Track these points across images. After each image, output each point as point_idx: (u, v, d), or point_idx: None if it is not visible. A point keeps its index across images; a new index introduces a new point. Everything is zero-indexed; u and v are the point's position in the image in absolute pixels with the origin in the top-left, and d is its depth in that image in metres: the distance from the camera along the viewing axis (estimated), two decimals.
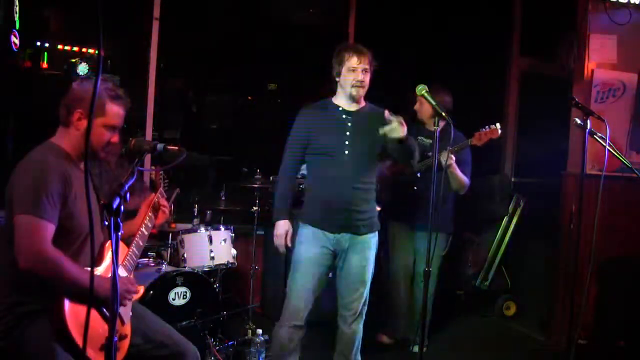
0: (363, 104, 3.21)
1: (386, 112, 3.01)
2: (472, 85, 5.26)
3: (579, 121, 3.11)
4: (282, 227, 3.22)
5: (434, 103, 2.80)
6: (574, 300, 3.32)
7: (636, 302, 4.07)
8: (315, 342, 3.58)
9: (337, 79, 3.17)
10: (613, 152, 3.09)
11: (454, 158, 3.72)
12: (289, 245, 3.23)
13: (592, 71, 4.32)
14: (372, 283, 3.27)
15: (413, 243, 4.12)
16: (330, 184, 3.10)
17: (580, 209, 3.23)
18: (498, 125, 3.76)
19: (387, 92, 5.21)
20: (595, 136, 3.09)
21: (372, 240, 3.22)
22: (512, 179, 5.65)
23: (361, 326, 3.26)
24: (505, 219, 5.16)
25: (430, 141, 3.94)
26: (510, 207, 5.17)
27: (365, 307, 3.26)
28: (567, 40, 4.64)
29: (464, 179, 3.90)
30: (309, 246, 3.16)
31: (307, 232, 3.17)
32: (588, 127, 3.06)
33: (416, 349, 4.06)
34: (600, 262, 4.01)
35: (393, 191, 4.07)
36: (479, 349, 4.42)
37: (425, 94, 2.83)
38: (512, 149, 5.77)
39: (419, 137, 4.01)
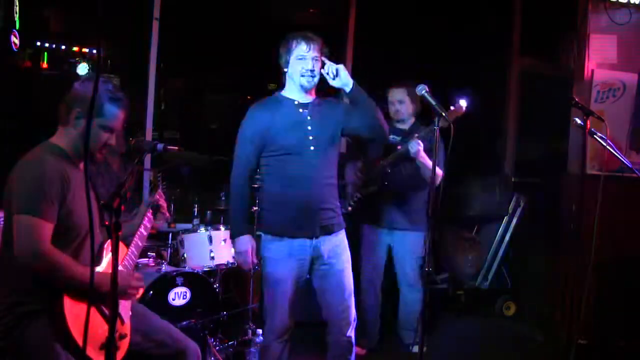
0: (314, 95, 2.99)
1: (325, 59, 2.85)
2: (472, 85, 5.25)
3: (579, 121, 3.11)
4: (245, 243, 2.96)
5: (433, 103, 2.80)
6: (574, 300, 3.32)
7: (636, 302, 4.07)
8: (309, 343, 3.55)
9: (285, 69, 2.94)
10: (613, 152, 3.09)
11: (422, 144, 3.56)
12: (255, 261, 3.00)
13: (592, 71, 4.32)
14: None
15: (385, 244, 4.02)
16: (299, 185, 2.88)
17: (580, 209, 3.23)
18: (462, 102, 3.50)
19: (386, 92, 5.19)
20: (595, 136, 3.09)
21: (344, 238, 3.06)
22: (512, 179, 5.64)
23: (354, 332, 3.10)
24: (505, 219, 5.16)
25: (398, 138, 3.91)
26: (510, 207, 5.17)
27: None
28: (567, 40, 4.64)
29: (432, 166, 3.80)
30: (283, 262, 2.92)
31: (278, 246, 2.93)
32: (588, 127, 3.06)
33: (416, 349, 4.06)
34: (600, 262, 4.01)
35: (365, 191, 3.88)
36: (478, 349, 4.41)
37: (425, 94, 2.83)
38: (512, 149, 5.77)
39: (391, 136, 3.98)
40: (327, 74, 2.88)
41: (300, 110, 2.95)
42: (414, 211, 3.96)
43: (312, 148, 2.90)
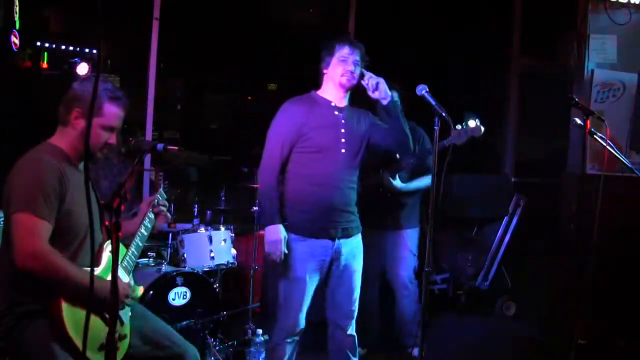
0: (346, 102, 3.06)
1: (364, 71, 2.94)
2: (472, 85, 5.26)
3: (579, 121, 3.11)
4: (277, 232, 2.90)
5: (433, 103, 2.79)
6: (574, 300, 3.32)
7: (636, 302, 4.07)
8: (316, 342, 3.54)
9: (324, 71, 3.01)
10: (613, 152, 3.09)
11: (399, 183, 3.71)
12: (286, 252, 2.95)
13: (592, 71, 4.33)
14: None
15: (382, 246, 4.01)
16: (327, 185, 2.93)
17: (580, 209, 3.23)
18: (477, 122, 3.53)
19: None
20: (595, 136, 3.09)
21: (360, 241, 3.14)
22: (512, 179, 5.64)
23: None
24: (505, 219, 5.16)
25: None
26: (510, 207, 5.17)
27: None
28: (567, 40, 4.64)
29: (422, 186, 3.87)
30: (304, 262, 2.95)
31: (301, 246, 2.94)
32: (588, 127, 3.07)
33: (416, 351, 4.05)
34: (600, 262, 4.01)
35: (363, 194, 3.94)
36: (478, 349, 4.41)
37: (425, 94, 2.82)
38: (512, 149, 5.77)
39: None
40: (367, 85, 2.94)
41: (336, 112, 3.00)
42: (408, 211, 3.97)
43: (342, 150, 2.97)
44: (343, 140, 2.96)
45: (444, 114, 2.73)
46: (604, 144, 3.06)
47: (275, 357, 3.06)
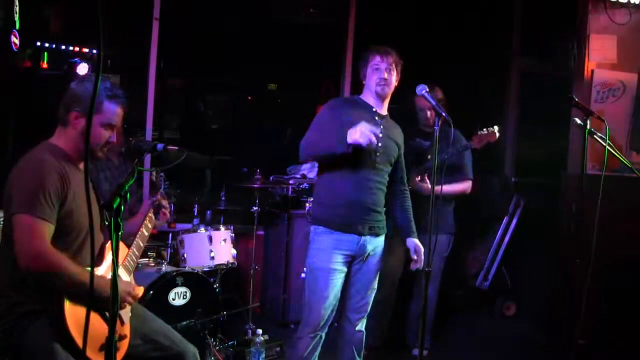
0: (387, 112, 3.21)
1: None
2: (472, 85, 5.26)
3: (579, 121, 3.11)
4: (355, 128, 2.79)
5: (434, 103, 2.80)
6: (574, 300, 3.31)
7: (636, 303, 4.07)
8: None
9: (364, 82, 3.17)
10: (613, 152, 3.09)
11: (427, 183, 3.75)
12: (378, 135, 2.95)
13: (592, 71, 4.32)
14: None
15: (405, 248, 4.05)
16: (357, 183, 3.04)
17: (580, 209, 3.23)
18: (496, 127, 3.68)
19: None
20: (595, 136, 3.09)
21: (383, 242, 3.22)
22: (512, 179, 5.64)
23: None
24: (505, 219, 5.16)
25: (429, 143, 3.94)
26: (510, 207, 5.17)
27: None
28: (567, 40, 4.64)
29: (459, 188, 3.95)
30: (330, 255, 3.02)
31: (329, 240, 3.03)
32: (588, 127, 3.06)
33: (416, 352, 4.06)
34: (600, 262, 4.00)
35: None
36: (479, 349, 4.42)
37: (425, 94, 2.83)
38: (512, 149, 5.77)
39: (417, 139, 3.99)
40: None
41: (377, 117, 3.13)
42: (441, 216, 3.96)
43: (378, 153, 3.07)
44: (380, 144, 3.06)
45: (444, 114, 2.75)
46: (604, 144, 3.06)
47: (296, 351, 3.12)
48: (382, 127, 3.10)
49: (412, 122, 4.06)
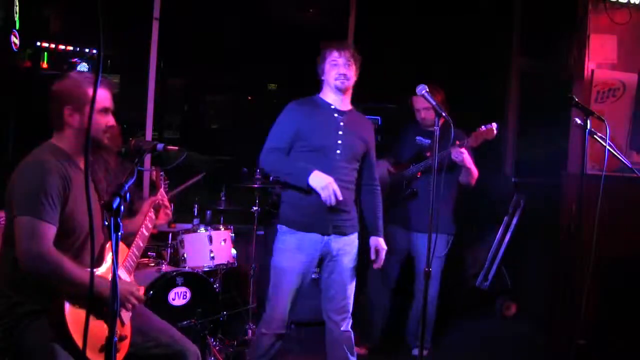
0: (350, 106, 3.20)
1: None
2: (472, 85, 5.26)
3: (579, 121, 3.11)
4: (322, 176, 2.94)
5: (434, 103, 2.80)
6: (574, 300, 3.32)
7: (636, 303, 4.07)
8: (310, 342, 3.54)
9: (322, 77, 3.17)
10: (613, 152, 3.09)
11: (464, 151, 3.68)
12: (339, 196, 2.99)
13: (592, 71, 4.32)
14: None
15: (409, 246, 4.04)
16: None
17: (580, 209, 3.23)
18: (494, 125, 3.67)
19: (387, 91, 5.20)
20: (595, 136, 3.09)
21: (356, 239, 3.22)
22: (512, 179, 5.64)
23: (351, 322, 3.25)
24: (505, 219, 5.16)
25: (429, 141, 3.95)
26: (510, 207, 5.17)
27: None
28: (567, 40, 4.64)
29: (475, 170, 3.87)
30: (294, 255, 3.06)
31: (292, 240, 3.07)
32: (588, 127, 3.06)
33: (416, 351, 4.05)
34: (600, 262, 4.00)
35: (391, 192, 4.01)
36: (479, 349, 4.42)
37: (425, 94, 2.83)
38: (512, 149, 5.77)
39: (417, 137, 4.00)
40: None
41: (336, 115, 3.14)
42: (440, 215, 3.95)
43: (338, 151, 3.08)
44: (339, 142, 3.08)
45: (444, 114, 2.75)
46: (604, 144, 3.06)
47: (259, 346, 3.14)
48: (342, 123, 3.11)
49: (415, 122, 4.06)
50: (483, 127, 3.67)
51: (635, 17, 4.31)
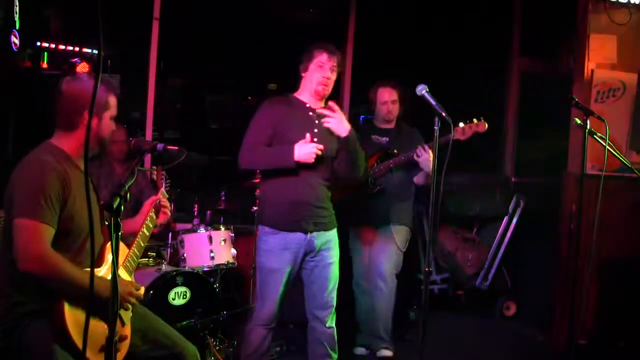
0: (323, 104, 3.20)
1: (330, 103, 3.08)
2: (472, 85, 5.26)
3: (579, 121, 3.12)
4: (305, 145, 2.97)
5: (434, 103, 2.79)
6: (574, 300, 3.32)
7: (636, 302, 4.07)
8: (304, 342, 3.51)
9: (302, 74, 3.17)
10: (613, 152, 3.09)
11: (428, 150, 3.67)
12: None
13: (592, 71, 4.32)
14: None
15: (369, 243, 4.00)
16: (299, 181, 3.07)
17: (580, 209, 3.23)
18: (482, 119, 3.66)
19: None
20: (595, 136, 3.09)
21: (335, 235, 3.25)
22: (512, 179, 5.64)
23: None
24: (505, 219, 5.16)
25: (387, 139, 3.96)
26: (510, 207, 5.17)
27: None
28: (567, 40, 4.64)
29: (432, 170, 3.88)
30: (278, 254, 3.09)
31: (275, 240, 3.09)
32: (588, 127, 3.07)
33: (384, 352, 3.96)
34: (600, 262, 4.01)
35: (357, 190, 3.88)
36: (479, 349, 4.42)
37: (425, 94, 2.82)
38: (512, 149, 5.77)
39: (372, 136, 4.00)
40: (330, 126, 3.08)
41: (311, 113, 3.15)
42: (400, 209, 3.97)
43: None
44: (315, 139, 3.07)
45: (443, 114, 2.74)
46: (604, 144, 3.06)
47: (251, 340, 3.17)
48: (317, 121, 3.12)
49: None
50: (475, 120, 3.65)
51: (635, 17, 4.32)
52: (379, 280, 3.93)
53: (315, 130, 3.10)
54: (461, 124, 3.65)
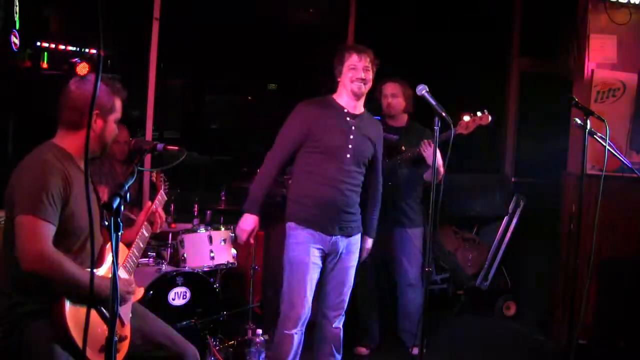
0: (362, 109, 3.21)
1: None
2: (472, 85, 5.26)
3: (579, 121, 3.12)
4: (252, 222, 3.15)
5: (434, 103, 2.80)
6: (574, 300, 3.32)
7: (636, 302, 4.07)
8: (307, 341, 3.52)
9: (338, 79, 3.17)
10: (613, 152, 3.09)
11: (432, 145, 3.67)
12: (252, 242, 3.23)
13: (592, 71, 4.32)
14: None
15: (385, 242, 3.98)
16: (330, 184, 3.08)
17: (580, 209, 3.23)
18: (486, 112, 3.63)
19: None
20: (595, 136, 3.09)
21: (359, 239, 3.26)
22: (512, 179, 5.64)
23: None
24: (505, 219, 5.16)
25: (397, 136, 3.95)
26: (510, 207, 5.17)
27: None
28: (567, 40, 4.64)
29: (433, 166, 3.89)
30: (307, 247, 3.08)
31: (303, 234, 3.09)
32: (588, 127, 3.07)
33: (415, 350, 4.05)
34: (600, 262, 4.01)
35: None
36: (478, 349, 4.41)
37: (425, 94, 2.83)
38: (512, 149, 5.77)
39: (384, 133, 4.00)
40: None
41: (348, 119, 3.14)
42: (411, 209, 3.99)
43: (348, 155, 3.10)
44: (350, 146, 3.10)
45: (443, 114, 2.75)
46: (604, 144, 3.06)
47: (287, 346, 3.10)
48: (354, 127, 3.13)
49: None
50: (479, 112, 3.62)
51: (635, 17, 4.32)
52: (408, 286, 4.00)
53: (351, 137, 3.11)
54: (465, 118, 3.62)
